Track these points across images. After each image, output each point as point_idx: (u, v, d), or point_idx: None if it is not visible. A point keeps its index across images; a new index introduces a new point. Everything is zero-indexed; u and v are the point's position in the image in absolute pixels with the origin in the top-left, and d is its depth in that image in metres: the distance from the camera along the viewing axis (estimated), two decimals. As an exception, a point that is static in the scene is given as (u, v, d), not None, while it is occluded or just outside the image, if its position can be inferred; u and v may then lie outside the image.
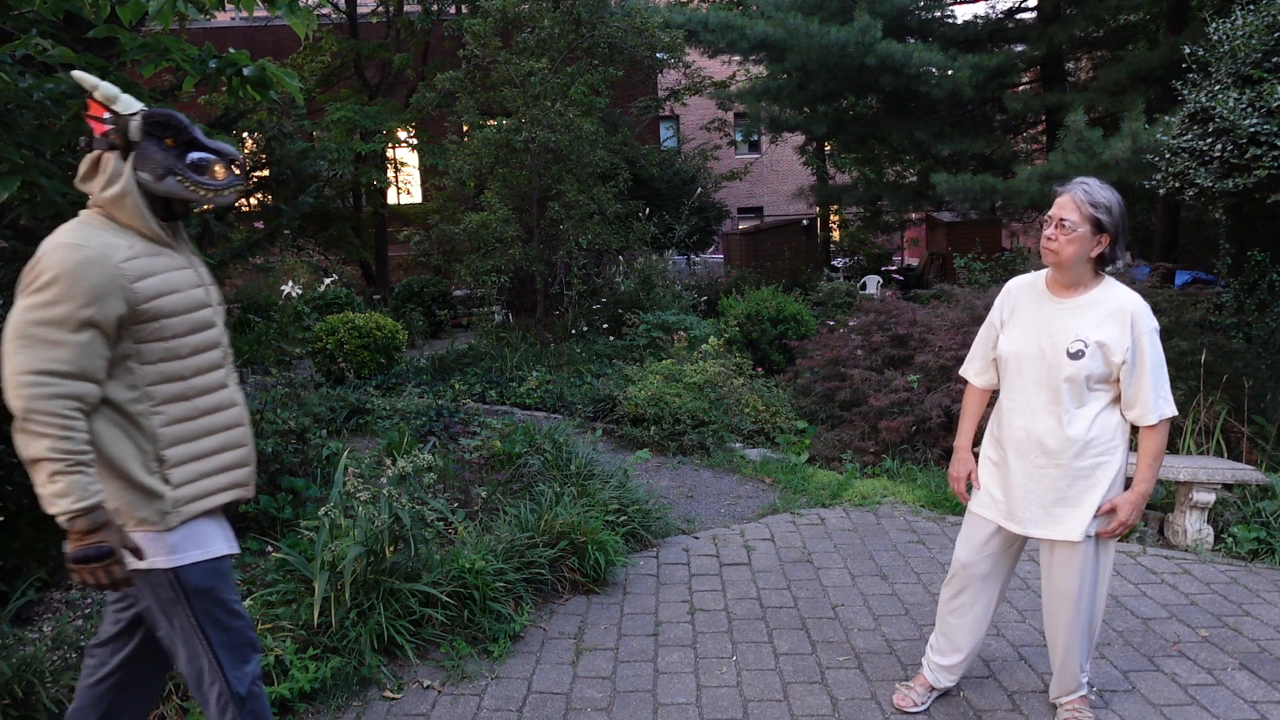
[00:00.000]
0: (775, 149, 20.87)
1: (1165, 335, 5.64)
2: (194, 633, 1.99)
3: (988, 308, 5.66)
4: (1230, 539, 4.21)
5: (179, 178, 1.95)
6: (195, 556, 1.97)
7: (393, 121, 12.31)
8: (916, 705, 2.82)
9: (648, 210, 10.51)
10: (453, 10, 13.20)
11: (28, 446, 1.75)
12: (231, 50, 3.34)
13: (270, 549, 3.70)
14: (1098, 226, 2.36)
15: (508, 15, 9.33)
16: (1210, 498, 4.19)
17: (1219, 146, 5.06)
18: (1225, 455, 5.16)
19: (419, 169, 14.92)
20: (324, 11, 14.58)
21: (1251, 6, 5.29)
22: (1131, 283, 6.04)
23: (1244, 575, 3.92)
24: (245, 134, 7.29)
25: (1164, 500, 4.71)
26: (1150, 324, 2.37)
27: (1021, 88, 13.77)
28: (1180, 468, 4.19)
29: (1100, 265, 2.44)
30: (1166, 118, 6.41)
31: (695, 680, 3.05)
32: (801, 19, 10.44)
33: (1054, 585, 2.57)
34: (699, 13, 11.47)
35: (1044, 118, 12.49)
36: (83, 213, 1.95)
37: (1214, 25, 5.44)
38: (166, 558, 1.94)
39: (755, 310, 7.94)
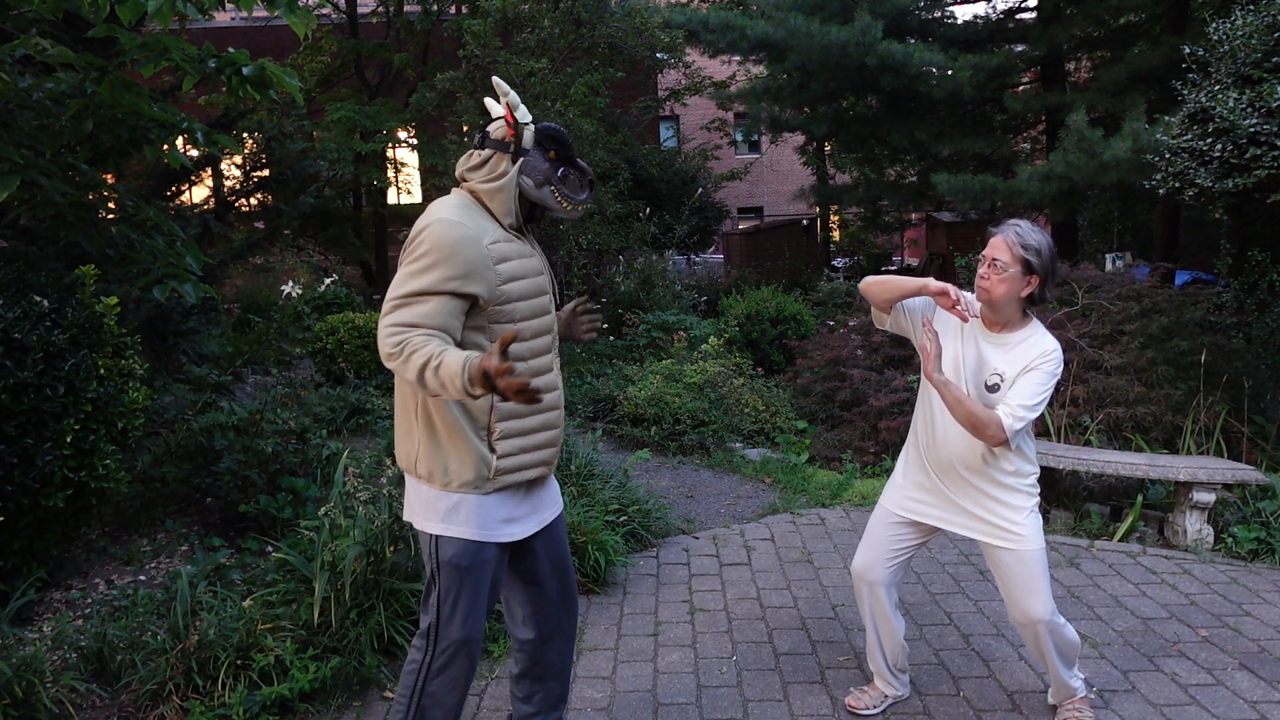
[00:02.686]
0: (775, 149, 20.84)
1: (1165, 335, 5.65)
2: (432, 599, 2.13)
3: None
4: (1230, 539, 4.21)
5: (552, 188, 2.14)
6: (460, 532, 2.09)
7: (393, 121, 12.29)
8: (869, 709, 2.83)
9: (648, 210, 10.50)
10: (453, 10, 13.18)
11: (406, 373, 1.91)
12: (231, 50, 3.34)
13: (270, 549, 3.70)
14: (1027, 268, 2.42)
15: (508, 15, 9.33)
16: (1210, 498, 4.19)
17: (1219, 146, 5.06)
18: (1225, 455, 5.16)
19: (419, 169, 14.90)
20: (324, 11, 14.56)
21: (1251, 6, 5.28)
22: (1132, 283, 6.05)
23: (1244, 575, 3.92)
24: (245, 134, 7.27)
25: (1164, 500, 4.71)
26: (1053, 367, 2.43)
27: (1022, 88, 13.75)
28: (1180, 468, 4.19)
29: (1030, 305, 2.51)
30: (1167, 118, 6.41)
31: (695, 680, 3.05)
32: (802, 19, 10.42)
33: (1016, 600, 2.57)
34: (699, 13, 11.45)
35: (1044, 118, 12.46)
36: (458, 190, 2.14)
37: (1214, 25, 5.44)
38: (439, 524, 2.09)
39: (755, 310, 7.94)
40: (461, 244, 1.96)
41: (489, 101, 2.17)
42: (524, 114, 2.11)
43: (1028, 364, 2.43)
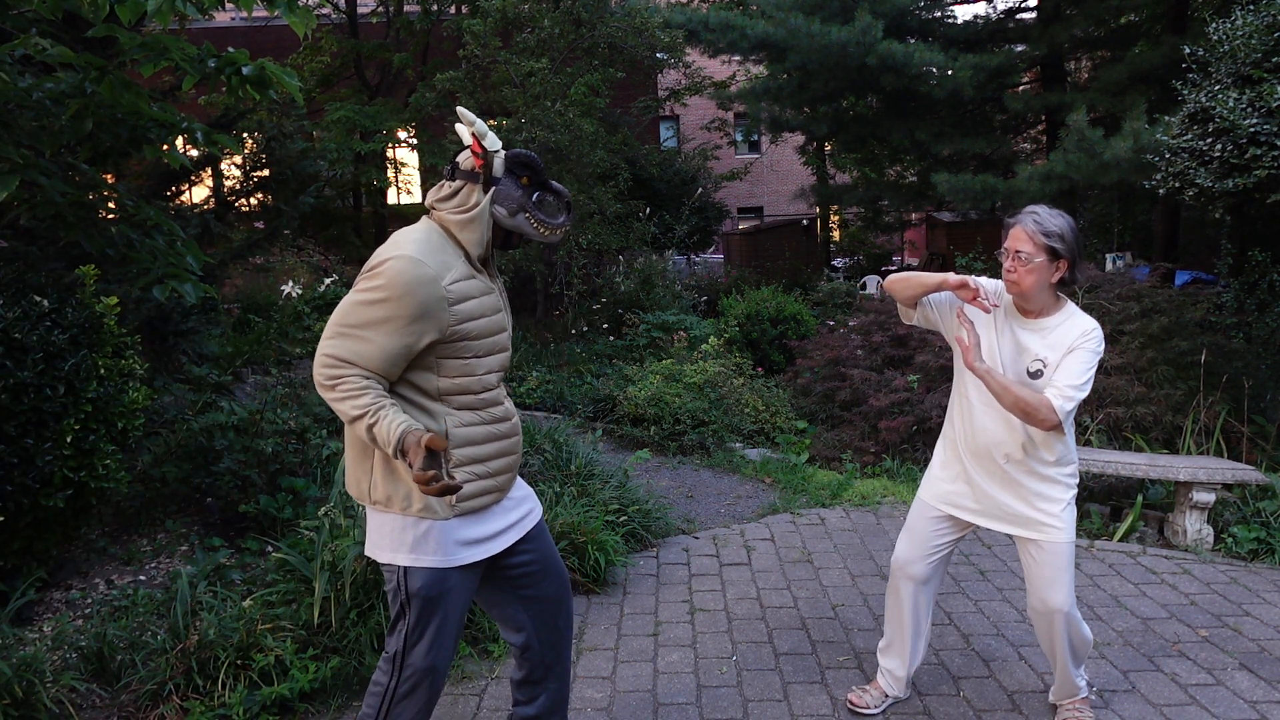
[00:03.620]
0: (775, 149, 20.84)
1: (1165, 335, 5.65)
2: (400, 628, 2.11)
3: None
4: (1230, 539, 4.21)
5: (528, 215, 2.09)
6: (427, 562, 2.06)
7: (393, 121, 12.29)
8: (869, 708, 2.82)
9: (648, 210, 10.50)
10: (453, 10, 13.18)
11: (339, 411, 1.94)
12: (231, 50, 3.33)
13: (270, 549, 3.69)
14: (1053, 254, 2.41)
15: (508, 15, 9.33)
16: (1210, 498, 4.19)
17: (1219, 146, 5.06)
18: (1225, 455, 5.15)
19: (419, 169, 14.91)
20: (324, 11, 14.56)
21: (1251, 6, 5.28)
22: (1132, 283, 6.05)
23: (1244, 575, 3.92)
24: (245, 134, 7.26)
25: (1164, 500, 4.71)
26: (1095, 346, 2.41)
27: (1022, 88, 13.76)
28: (1180, 468, 4.19)
29: (1061, 288, 2.49)
30: (1167, 118, 6.41)
31: (695, 680, 3.05)
32: (802, 19, 10.42)
33: (1038, 588, 2.57)
34: (699, 13, 11.45)
35: (1044, 118, 12.48)
36: (427, 220, 2.10)
37: (1214, 25, 5.44)
38: (407, 555, 2.05)
39: (755, 310, 7.94)
40: (417, 284, 1.92)
41: (460, 128, 2.13)
42: (492, 142, 2.07)
43: (1070, 345, 2.41)
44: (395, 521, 2.06)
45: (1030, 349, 2.48)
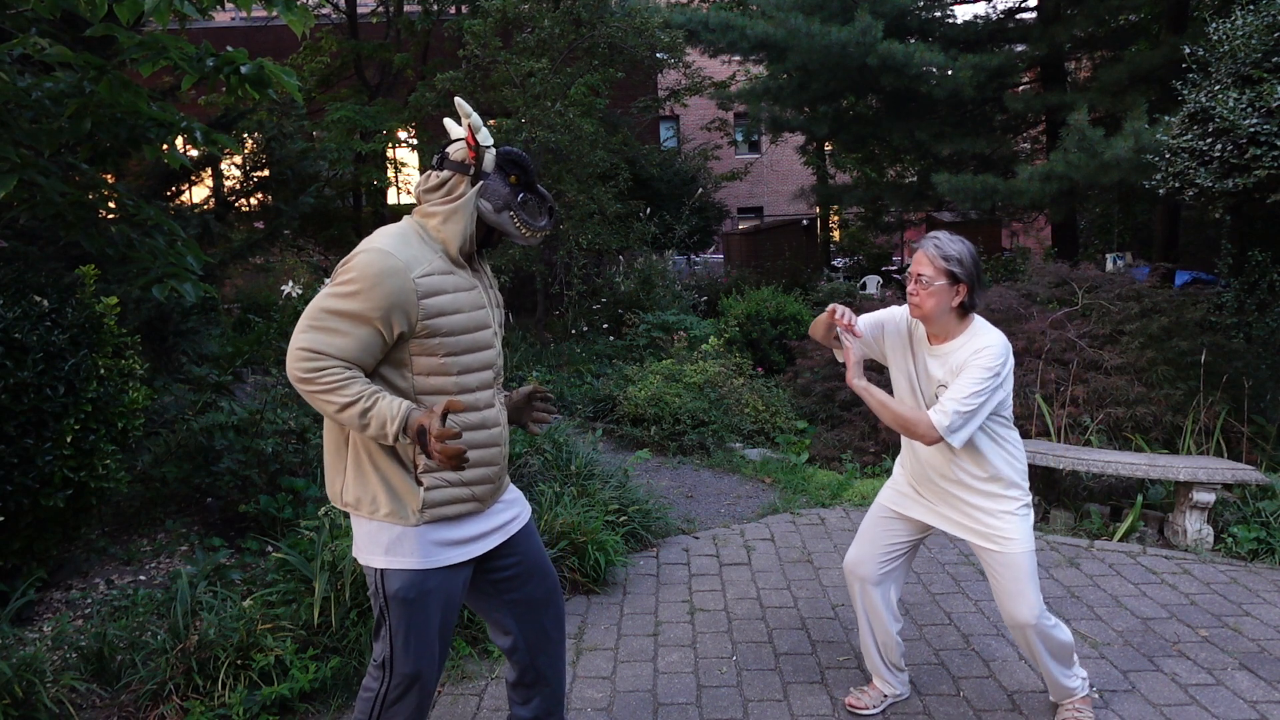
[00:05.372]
0: (775, 149, 20.84)
1: (1165, 335, 5.65)
2: (384, 632, 2.10)
3: (988, 307, 5.66)
4: (1230, 539, 4.21)
5: (512, 213, 2.08)
6: (403, 564, 2.04)
7: (393, 121, 12.28)
8: (868, 709, 2.83)
9: (648, 210, 10.51)
10: (453, 10, 13.18)
11: (322, 405, 1.92)
12: (230, 49, 3.33)
13: (270, 549, 3.69)
14: (952, 278, 2.44)
15: (508, 15, 9.33)
16: (1210, 498, 4.19)
17: (1219, 146, 5.05)
18: (1225, 455, 5.15)
19: (419, 169, 14.91)
20: (324, 11, 14.55)
21: (1251, 6, 5.28)
22: (1132, 283, 6.05)
23: (1244, 575, 3.92)
24: (245, 134, 7.27)
25: (1164, 500, 4.71)
26: (987, 361, 2.41)
27: (1022, 88, 13.75)
28: (1180, 468, 4.19)
29: (965, 312, 2.51)
30: (1167, 118, 6.40)
31: (695, 680, 3.05)
32: (802, 19, 10.42)
33: (1003, 603, 2.57)
34: (699, 13, 11.45)
35: (1044, 118, 12.46)
36: (409, 217, 2.10)
37: (1214, 25, 5.43)
38: (382, 558, 2.04)
39: (755, 310, 7.94)
40: (385, 276, 1.91)
41: (449, 122, 2.12)
42: (485, 136, 2.06)
43: (962, 364, 2.45)
44: (370, 524, 2.04)
45: (935, 376, 2.53)
